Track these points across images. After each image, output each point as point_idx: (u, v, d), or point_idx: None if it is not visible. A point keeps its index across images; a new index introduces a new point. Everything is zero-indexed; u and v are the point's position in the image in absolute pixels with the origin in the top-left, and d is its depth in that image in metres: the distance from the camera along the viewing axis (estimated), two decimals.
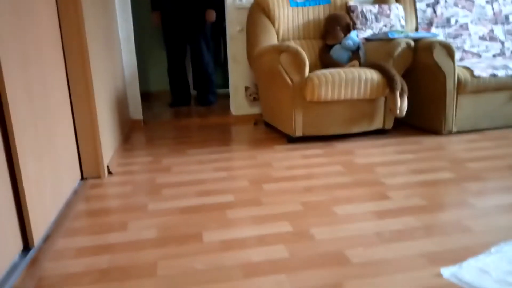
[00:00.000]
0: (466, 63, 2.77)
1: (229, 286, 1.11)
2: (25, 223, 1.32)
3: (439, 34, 2.93)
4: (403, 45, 2.56)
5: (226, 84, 5.09)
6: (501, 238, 1.32)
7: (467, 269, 1.14)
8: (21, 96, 1.32)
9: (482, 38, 3.13)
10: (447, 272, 1.14)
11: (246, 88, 3.31)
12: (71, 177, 1.85)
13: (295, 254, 1.27)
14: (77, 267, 1.24)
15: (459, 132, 2.75)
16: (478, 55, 3.10)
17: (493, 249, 1.25)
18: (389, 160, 2.21)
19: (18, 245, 1.28)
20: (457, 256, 1.22)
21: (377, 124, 2.68)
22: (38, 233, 1.38)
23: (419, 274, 1.14)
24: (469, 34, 3.11)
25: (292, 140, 2.63)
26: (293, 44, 2.40)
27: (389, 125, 2.71)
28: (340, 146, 2.53)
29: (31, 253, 1.31)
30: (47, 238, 1.43)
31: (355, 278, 1.13)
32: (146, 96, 4.88)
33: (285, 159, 2.29)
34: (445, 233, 1.37)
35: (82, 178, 2.05)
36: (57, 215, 1.61)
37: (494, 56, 3.13)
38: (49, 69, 1.63)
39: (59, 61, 1.78)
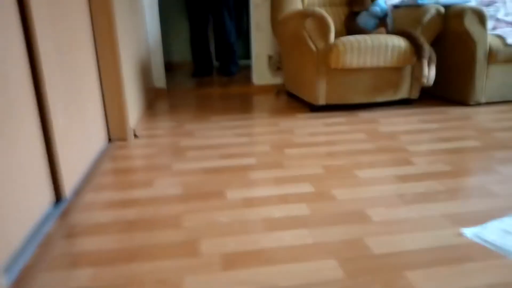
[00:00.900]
0: (499, 32, 2.67)
1: (252, 238, 1.14)
2: (57, 176, 1.38)
3: (471, 0, 2.82)
4: (432, 11, 2.47)
5: (249, 55, 5.05)
6: None
7: (490, 230, 1.14)
8: (50, 52, 1.35)
9: None
10: (469, 232, 1.14)
11: (270, 57, 3.29)
12: (98, 138, 1.90)
13: (317, 212, 1.28)
14: (106, 218, 1.29)
15: (487, 103, 2.68)
16: None
17: None
18: (413, 128, 2.18)
19: (51, 196, 1.34)
20: (481, 218, 1.22)
21: (403, 93, 2.63)
22: (69, 186, 1.44)
23: (441, 233, 1.14)
24: (504, 2, 2.97)
25: (314, 108, 2.61)
26: (318, 9, 2.36)
27: (415, 95, 2.65)
28: (364, 115, 2.50)
29: (63, 205, 1.37)
30: (77, 192, 1.49)
31: (376, 235, 1.14)
32: (169, 66, 4.91)
33: (307, 127, 2.29)
34: (469, 197, 1.36)
35: (109, 140, 2.10)
36: (85, 171, 1.67)
37: None
38: (76, 29, 1.65)
39: (86, 21, 1.81)
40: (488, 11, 2.93)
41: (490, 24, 2.90)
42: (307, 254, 1.06)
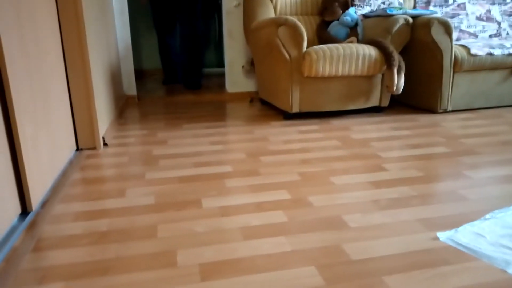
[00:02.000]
0: (462, 42, 2.78)
1: (230, 247, 1.12)
2: (23, 187, 1.32)
3: (437, 12, 2.92)
4: (401, 21, 2.55)
5: (221, 63, 5.05)
6: (495, 206, 1.35)
7: (463, 233, 1.17)
8: (17, 57, 1.29)
9: (479, 18, 3.13)
10: (443, 235, 1.16)
11: (242, 67, 3.29)
12: (66, 147, 1.83)
13: (294, 219, 1.28)
14: (76, 229, 1.23)
15: (454, 111, 2.77)
16: (475, 35, 3.11)
17: (487, 215, 1.27)
18: (385, 135, 2.23)
19: (17, 208, 1.27)
20: (453, 222, 1.25)
21: (374, 101, 2.68)
22: (36, 197, 1.37)
23: (416, 237, 1.16)
24: (467, 14, 3.11)
25: (288, 116, 2.63)
26: (291, 18, 2.38)
27: (385, 103, 2.71)
28: (336, 122, 2.53)
29: (30, 217, 1.31)
30: (44, 203, 1.42)
31: (353, 240, 1.15)
32: (139, 74, 4.83)
33: (282, 134, 2.29)
34: (441, 202, 1.39)
35: (78, 149, 2.03)
36: (53, 182, 1.60)
37: (490, 36, 3.13)
38: (43, 34, 1.60)
39: (54, 26, 1.75)
40: (452, 22, 3.06)
41: (454, 35, 3.02)
42: (286, 262, 1.05)
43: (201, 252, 1.10)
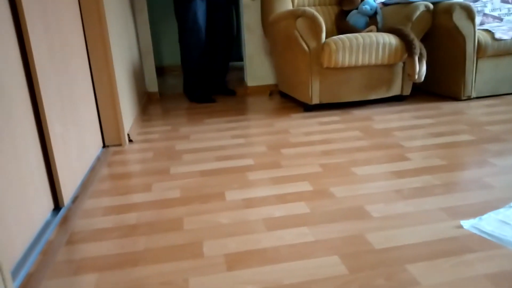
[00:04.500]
0: (486, 27, 2.71)
1: (254, 238, 1.15)
2: (55, 184, 1.38)
3: None
4: (422, 8, 2.50)
5: (240, 56, 5.07)
6: None
7: (487, 221, 1.16)
8: (45, 60, 1.35)
9: (504, 0, 3.04)
10: (467, 224, 1.15)
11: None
12: (94, 144, 1.90)
13: (316, 210, 1.29)
14: (106, 223, 1.29)
15: (478, 98, 2.72)
16: (500, 18, 3.02)
17: None
18: (407, 124, 2.21)
19: (50, 204, 1.34)
20: (477, 210, 1.24)
21: (395, 90, 2.65)
22: (67, 193, 1.44)
23: (440, 226, 1.16)
24: None
25: (308, 108, 2.63)
26: (309, 9, 2.37)
27: (407, 91, 2.68)
28: (358, 113, 2.52)
29: (62, 212, 1.37)
30: (75, 199, 1.48)
31: (376, 230, 1.16)
32: (160, 70, 4.91)
33: (302, 126, 2.30)
34: (465, 190, 1.38)
35: (104, 146, 2.10)
36: (83, 178, 1.66)
37: None
38: (68, 36, 1.65)
39: (78, 29, 1.80)
40: (475, 6, 2.98)
41: (477, 19, 2.94)
42: (309, 252, 1.07)
43: (226, 243, 1.13)
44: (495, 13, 3.02)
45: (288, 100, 3.01)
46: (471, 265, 0.98)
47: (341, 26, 2.81)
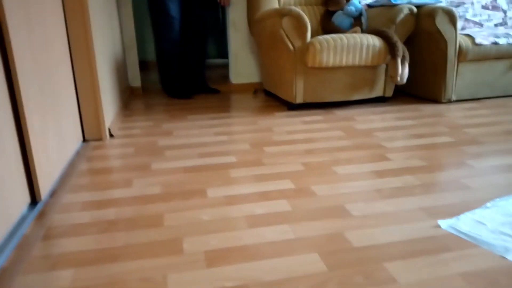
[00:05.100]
0: (467, 32, 2.76)
1: (235, 235, 1.15)
2: (32, 177, 1.35)
3: (442, 1, 2.91)
4: (405, 11, 2.54)
5: (224, 54, 5.05)
6: (497, 195, 1.36)
7: (464, 221, 1.18)
8: (24, 50, 1.31)
9: (485, 7, 3.11)
10: (444, 223, 1.18)
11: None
12: (73, 138, 1.86)
13: (298, 208, 1.30)
14: (84, 218, 1.26)
15: (458, 101, 2.77)
16: (480, 24, 3.09)
17: (488, 204, 1.28)
18: (389, 125, 2.24)
19: (26, 198, 1.31)
20: (455, 210, 1.26)
21: (378, 91, 2.69)
22: (44, 187, 1.41)
23: (418, 225, 1.18)
24: (472, 3, 3.09)
25: (292, 107, 2.64)
26: (295, 8, 2.38)
27: (389, 93, 2.72)
28: (340, 113, 2.54)
29: (39, 206, 1.34)
30: (53, 193, 1.45)
31: (356, 228, 1.17)
32: (143, 65, 4.85)
33: (286, 125, 2.31)
34: (443, 190, 1.41)
35: (84, 140, 2.06)
36: (61, 173, 1.63)
37: (496, 25, 3.11)
38: (49, 24, 1.62)
39: (59, 18, 1.77)
40: (457, 11, 3.04)
41: (459, 24, 3.00)
42: (290, 249, 1.07)
43: (207, 240, 1.12)
44: (476, 19, 3.09)
45: (272, 99, 3.01)
46: (447, 264, 0.99)
47: (326, 26, 2.82)
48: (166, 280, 0.95)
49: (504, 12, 3.13)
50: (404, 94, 3.02)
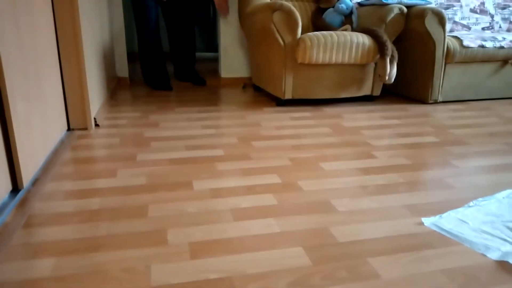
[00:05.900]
0: (455, 34, 2.80)
1: (220, 227, 1.14)
2: (14, 164, 1.32)
3: (431, 2, 2.93)
4: (396, 10, 2.56)
5: (213, 48, 5.02)
6: (479, 195, 1.38)
7: (447, 219, 1.20)
8: (9, 34, 1.28)
9: (473, 10, 3.15)
10: (428, 221, 1.19)
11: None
12: (58, 126, 1.83)
13: (283, 202, 1.30)
14: (67, 207, 1.24)
15: (444, 102, 2.81)
16: (468, 27, 3.13)
17: (471, 203, 1.30)
18: (375, 124, 2.25)
19: (7, 185, 1.28)
20: (438, 209, 1.28)
21: (366, 90, 2.70)
22: (27, 175, 1.38)
23: (402, 222, 1.19)
24: (461, 6, 3.12)
25: (281, 103, 2.64)
26: (286, 3, 2.37)
27: (377, 92, 2.73)
28: (329, 110, 2.55)
29: (20, 194, 1.31)
30: (35, 181, 1.42)
31: (341, 224, 1.17)
32: (132, 56, 4.79)
33: (274, 120, 2.31)
34: (427, 189, 1.43)
35: (69, 129, 2.03)
36: (45, 161, 1.60)
37: (483, 29, 3.16)
38: (36, 11, 1.58)
39: (47, 4, 1.73)
40: (446, 13, 3.07)
41: (448, 26, 3.04)
42: (274, 242, 1.07)
43: (191, 232, 1.11)
44: (464, 22, 3.12)
45: (261, 94, 3.01)
46: (429, 261, 1.01)
47: (317, 23, 2.82)
48: (149, 271, 0.94)
49: (492, 16, 3.18)
50: (392, 94, 3.05)
